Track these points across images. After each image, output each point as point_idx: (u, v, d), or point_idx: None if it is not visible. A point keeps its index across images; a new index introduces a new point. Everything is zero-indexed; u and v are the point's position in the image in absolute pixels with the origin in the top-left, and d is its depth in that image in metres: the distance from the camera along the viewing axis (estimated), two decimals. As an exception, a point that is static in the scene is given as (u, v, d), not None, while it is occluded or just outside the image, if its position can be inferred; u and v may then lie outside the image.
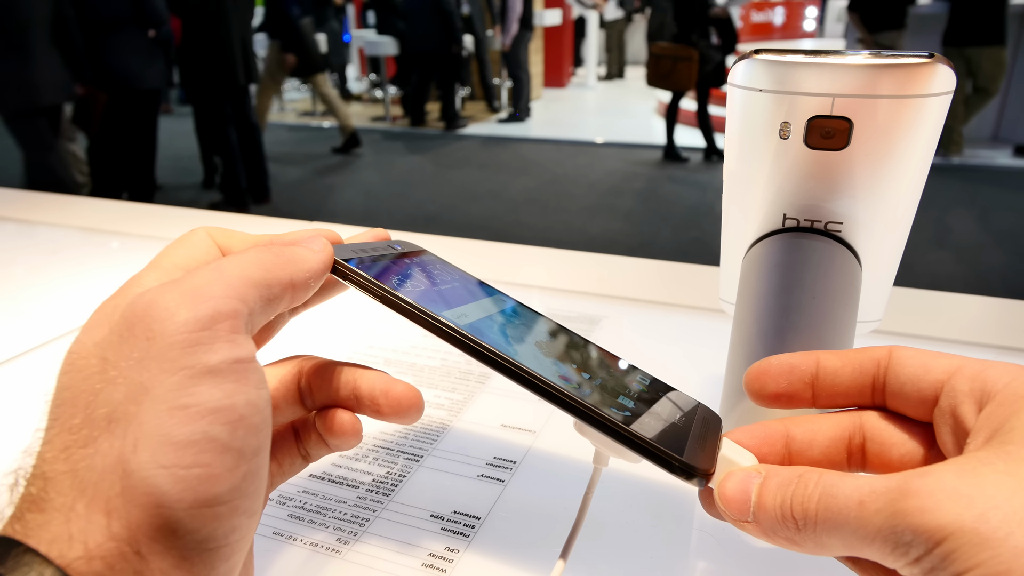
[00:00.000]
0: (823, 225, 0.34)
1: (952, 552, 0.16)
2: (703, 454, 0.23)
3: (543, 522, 0.37)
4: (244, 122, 3.56)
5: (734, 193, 0.36)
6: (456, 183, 4.26)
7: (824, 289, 0.33)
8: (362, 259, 0.27)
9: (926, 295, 0.65)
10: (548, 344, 0.28)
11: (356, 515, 0.37)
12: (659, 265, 0.76)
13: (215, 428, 0.18)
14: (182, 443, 0.18)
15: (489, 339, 0.25)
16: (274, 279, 0.22)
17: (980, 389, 0.21)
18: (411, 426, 0.45)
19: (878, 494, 0.18)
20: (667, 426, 0.24)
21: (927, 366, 0.23)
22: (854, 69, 0.29)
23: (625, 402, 0.25)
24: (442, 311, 0.26)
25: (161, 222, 0.95)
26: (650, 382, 0.28)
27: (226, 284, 0.21)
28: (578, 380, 0.26)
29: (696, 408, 0.27)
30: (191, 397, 0.19)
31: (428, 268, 0.30)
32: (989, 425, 0.19)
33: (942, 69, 0.28)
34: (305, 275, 0.24)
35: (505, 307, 0.30)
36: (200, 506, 0.18)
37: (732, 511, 0.22)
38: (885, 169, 0.31)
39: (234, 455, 0.19)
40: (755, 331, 0.33)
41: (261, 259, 0.23)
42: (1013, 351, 0.56)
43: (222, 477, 0.18)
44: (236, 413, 0.19)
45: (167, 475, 0.18)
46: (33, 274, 0.76)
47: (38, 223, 0.94)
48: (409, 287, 0.27)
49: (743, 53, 0.31)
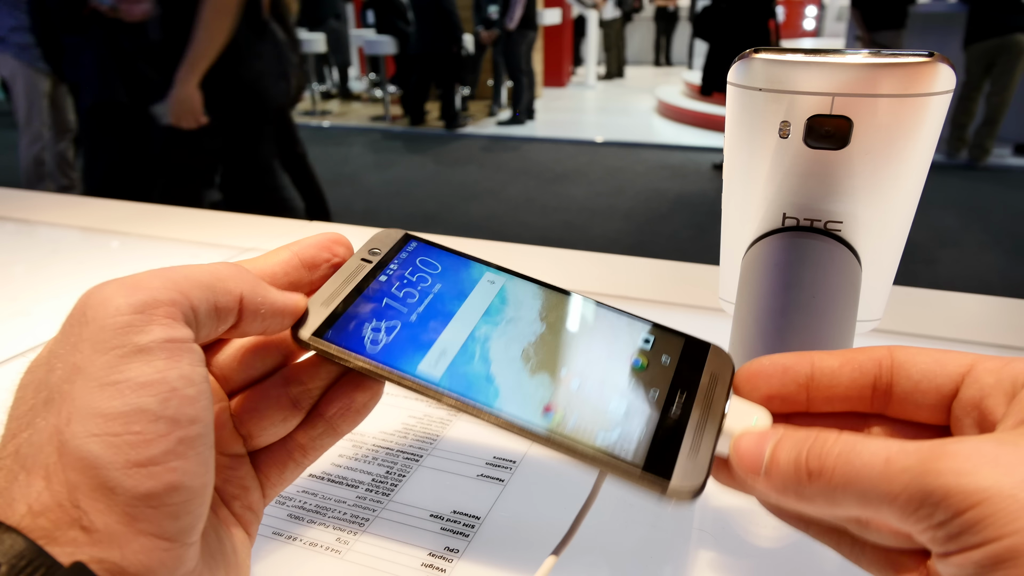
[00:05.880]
0: (823, 224, 0.34)
1: (985, 518, 0.16)
2: (695, 463, 0.23)
3: (543, 522, 0.37)
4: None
5: (734, 192, 0.36)
6: (456, 182, 4.26)
7: (824, 288, 0.33)
8: (333, 314, 0.26)
9: (926, 294, 0.65)
10: (537, 346, 0.27)
11: (356, 515, 0.37)
12: (659, 264, 0.76)
13: (145, 400, 0.20)
14: (112, 415, 0.19)
15: (463, 384, 0.25)
16: (223, 288, 0.23)
17: (1009, 381, 0.20)
18: (411, 426, 0.45)
19: (908, 452, 0.18)
20: (655, 437, 0.24)
21: (940, 362, 0.22)
22: (854, 68, 0.29)
23: (614, 411, 0.24)
24: (416, 363, 0.25)
25: (161, 222, 0.95)
26: (651, 354, 0.27)
27: (166, 278, 0.22)
28: (561, 402, 0.25)
29: (702, 372, 0.26)
30: (120, 374, 0.20)
31: (404, 282, 0.28)
32: (1020, 411, 0.19)
33: (942, 68, 0.28)
34: (257, 300, 0.24)
35: (493, 298, 0.28)
36: (133, 466, 0.19)
37: (744, 466, 0.22)
38: (885, 168, 0.31)
39: (167, 422, 0.20)
40: (755, 330, 0.33)
41: (216, 269, 0.23)
42: (1013, 350, 0.56)
43: (154, 442, 0.19)
44: (168, 386, 0.20)
45: (99, 441, 0.19)
46: (33, 274, 0.76)
47: (38, 223, 0.94)
48: (381, 335, 0.26)
49: (743, 52, 0.31)
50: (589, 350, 0.27)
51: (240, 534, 0.26)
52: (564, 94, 7.77)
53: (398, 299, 0.27)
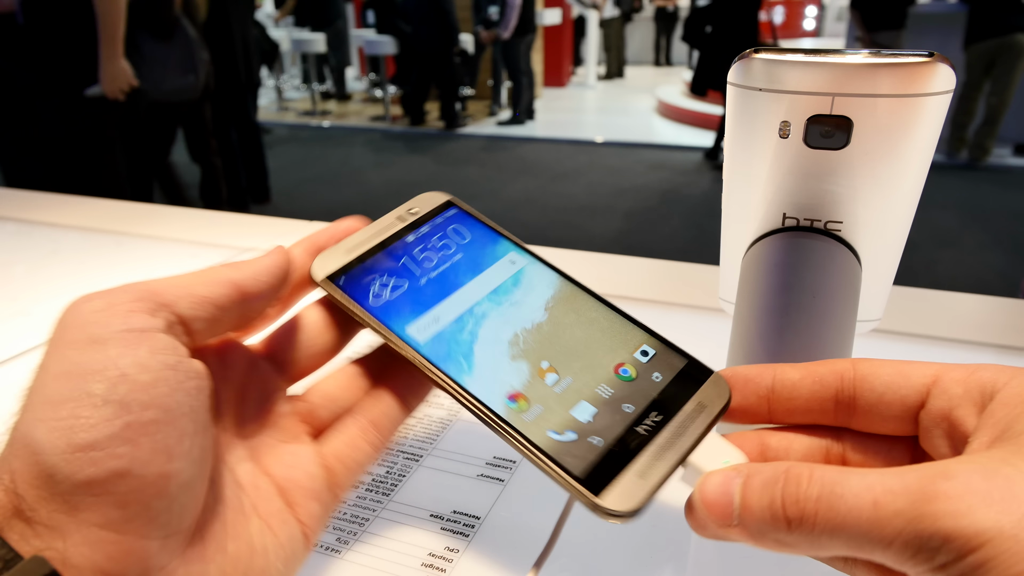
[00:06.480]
0: (823, 224, 0.34)
1: (990, 560, 0.16)
2: (637, 486, 0.22)
3: (543, 522, 0.37)
4: (245, 122, 3.57)
5: (734, 192, 0.36)
6: (456, 182, 4.26)
7: (824, 288, 0.33)
8: (350, 263, 0.27)
9: (926, 294, 0.65)
10: (530, 334, 0.26)
11: (356, 515, 0.37)
12: (659, 264, 0.76)
13: (92, 385, 0.19)
14: (58, 401, 0.19)
15: (442, 354, 0.25)
16: (210, 279, 0.23)
17: (977, 391, 0.20)
18: (411, 426, 0.45)
19: (896, 494, 0.17)
20: (606, 451, 0.23)
21: (905, 373, 0.22)
22: (854, 68, 0.29)
23: (579, 415, 0.24)
24: (406, 324, 0.26)
25: (161, 222, 0.95)
26: (644, 367, 0.26)
27: (143, 284, 0.22)
28: (530, 393, 0.24)
29: (690, 398, 0.24)
30: (70, 364, 0.20)
31: (428, 246, 0.29)
32: (995, 425, 0.19)
33: (942, 68, 0.28)
34: (249, 275, 0.24)
35: (507, 278, 0.28)
36: (74, 451, 0.19)
37: (714, 516, 0.20)
38: (885, 168, 0.31)
39: (114, 407, 0.19)
40: (755, 330, 0.33)
41: (196, 272, 0.24)
42: (1013, 351, 0.56)
43: (97, 426, 0.19)
44: (118, 371, 0.20)
45: (42, 426, 0.19)
46: (33, 274, 0.76)
47: (38, 223, 0.94)
48: (385, 292, 0.27)
49: (742, 52, 0.31)
50: (581, 350, 0.26)
51: (289, 533, 0.24)
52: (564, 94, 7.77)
53: (416, 261, 0.28)
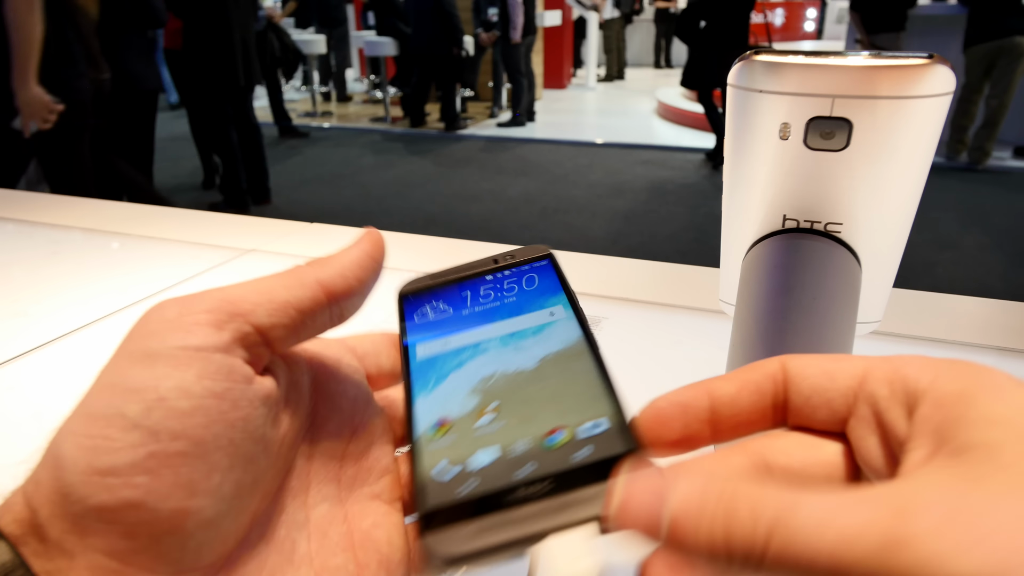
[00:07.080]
0: (823, 226, 0.34)
1: None
2: (460, 542, 0.20)
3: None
4: (245, 123, 3.57)
5: (734, 194, 0.36)
6: (456, 184, 4.27)
7: (824, 290, 0.33)
8: (426, 286, 0.29)
9: (926, 296, 0.66)
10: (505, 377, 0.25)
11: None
12: (659, 266, 0.76)
13: (128, 406, 0.19)
14: (93, 416, 0.19)
15: (421, 373, 0.26)
16: (293, 281, 0.22)
17: (903, 392, 0.19)
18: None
19: (862, 535, 0.15)
20: (465, 498, 0.21)
21: (831, 374, 0.21)
22: (853, 70, 0.29)
23: (479, 458, 0.22)
24: (420, 340, 0.27)
25: (161, 222, 0.95)
26: (578, 441, 0.22)
27: (221, 292, 0.21)
28: (454, 426, 0.24)
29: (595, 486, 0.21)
30: (118, 378, 0.19)
31: (494, 287, 0.29)
32: (931, 431, 0.18)
33: (941, 70, 0.28)
34: (336, 272, 0.23)
35: (533, 327, 0.27)
36: (92, 473, 0.18)
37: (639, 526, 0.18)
38: (885, 170, 0.31)
39: (142, 433, 0.18)
40: (755, 332, 0.33)
41: (280, 273, 0.23)
42: (1013, 352, 0.56)
43: (121, 451, 0.18)
44: (156, 394, 0.19)
45: (72, 440, 0.18)
46: (33, 274, 0.76)
47: (38, 223, 0.94)
48: (429, 315, 0.28)
49: (743, 54, 0.31)
50: (537, 403, 0.24)
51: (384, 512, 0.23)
52: (564, 96, 7.78)
53: (476, 296, 0.29)
